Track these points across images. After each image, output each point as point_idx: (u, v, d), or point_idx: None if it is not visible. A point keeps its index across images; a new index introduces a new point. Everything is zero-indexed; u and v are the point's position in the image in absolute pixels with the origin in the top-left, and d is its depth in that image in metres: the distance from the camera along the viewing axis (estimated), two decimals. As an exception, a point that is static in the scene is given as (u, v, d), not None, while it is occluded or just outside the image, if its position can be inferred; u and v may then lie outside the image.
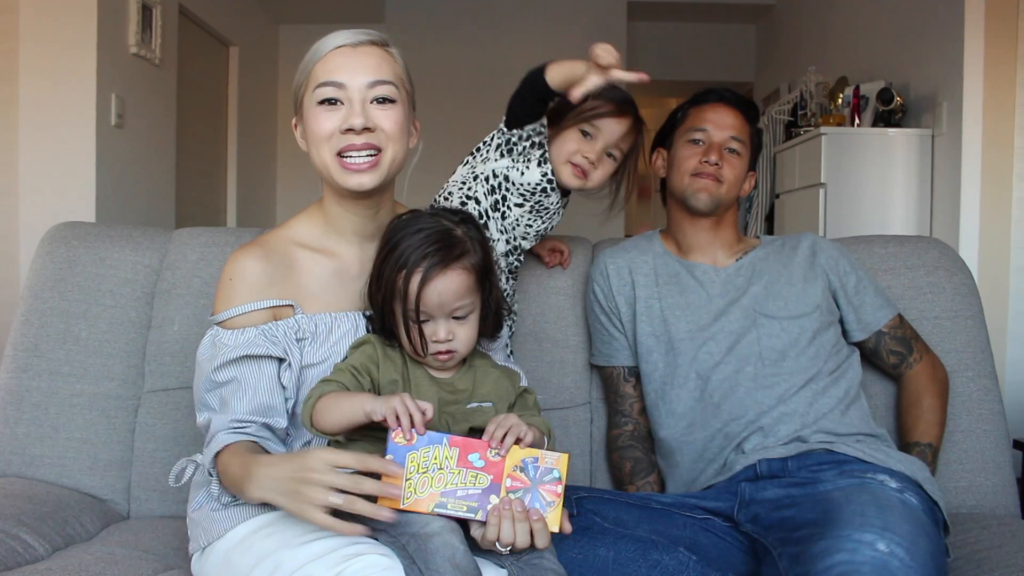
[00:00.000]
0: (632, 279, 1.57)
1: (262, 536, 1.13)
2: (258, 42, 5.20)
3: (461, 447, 1.05)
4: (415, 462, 1.03)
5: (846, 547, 1.02)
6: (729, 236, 1.57)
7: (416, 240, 1.15)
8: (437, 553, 1.01)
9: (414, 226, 1.17)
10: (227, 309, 1.22)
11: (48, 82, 3.10)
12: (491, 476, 1.05)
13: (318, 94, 1.20)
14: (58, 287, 1.60)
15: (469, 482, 1.04)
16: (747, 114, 1.56)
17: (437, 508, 1.04)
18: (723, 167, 1.50)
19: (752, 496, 1.33)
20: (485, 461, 1.05)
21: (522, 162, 1.42)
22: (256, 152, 5.13)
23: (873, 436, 1.41)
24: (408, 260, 1.14)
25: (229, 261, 1.25)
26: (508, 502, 1.05)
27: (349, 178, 1.21)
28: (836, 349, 1.47)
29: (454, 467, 1.04)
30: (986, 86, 3.07)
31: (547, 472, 1.06)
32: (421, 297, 1.13)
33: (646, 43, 5.98)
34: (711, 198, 1.50)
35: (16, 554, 1.26)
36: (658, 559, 1.18)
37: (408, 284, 1.13)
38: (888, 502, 1.12)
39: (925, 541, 1.06)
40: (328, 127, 1.20)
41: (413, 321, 1.14)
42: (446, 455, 1.04)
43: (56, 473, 1.55)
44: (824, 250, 1.54)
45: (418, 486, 1.03)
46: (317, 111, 1.21)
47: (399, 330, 1.16)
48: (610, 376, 1.61)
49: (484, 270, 1.18)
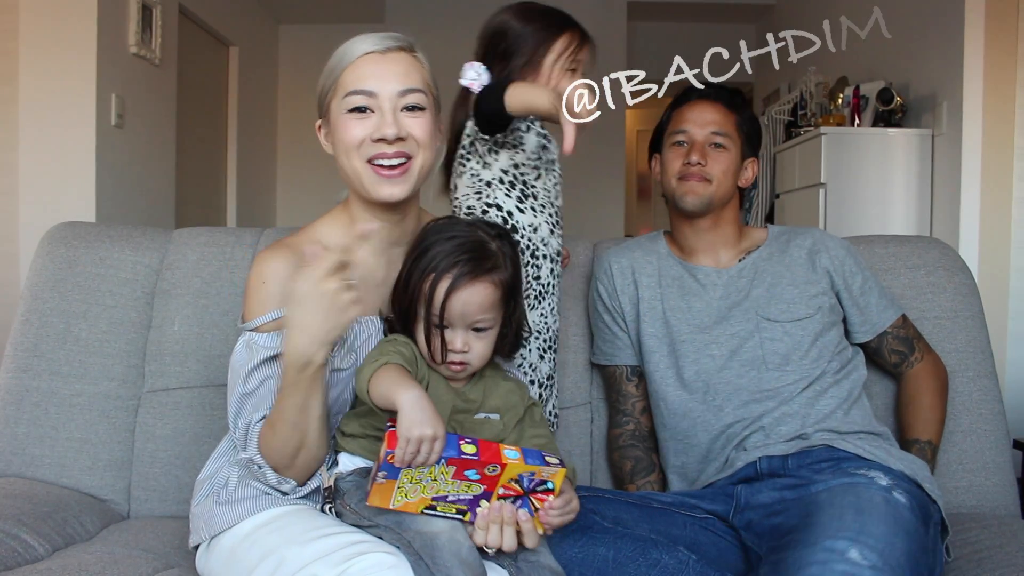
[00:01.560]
0: (635, 279, 1.57)
1: (267, 532, 1.13)
2: (258, 42, 5.20)
3: (458, 466, 1.01)
4: (408, 474, 1.01)
5: (818, 558, 1.02)
6: (730, 233, 1.56)
7: (449, 247, 1.14)
8: (443, 549, 1.01)
9: (448, 232, 1.17)
10: (263, 314, 1.19)
11: (48, 82, 3.11)
12: (484, 486, 1.04)
13: (348, 102, 1.20)
14: (58, 287, 1.60)
15: (462, 490, 1.04)
16: (731, 103, 1.54)
17: (426, 510, 1.04)
18: (708, 165, 1.49)
19: (747, 501, 1.33)
20: (481, 476, 1.03)
21: (518, 143, 1.44)
22: (256, 152, 5.13)
23: (875, 434, 1.41)
24: (438, 266, 1.13)
25: (258, 263, 1.22)
26: (497, 508, 1.05)
27: (380, 188, 1.20)
28: (839, 349, 1.47)
29: (448, 479, 1.02)
30: (986, 86, 3.07)
31: (541, 483, 1.05)
32: (446, 304, 1.12)
33: (646, 43, 5.98)
34: (699, 199, 1.50)
35: (16, 554, 1.26)
36: (658, 558, 1.18)
37: (435, 289, 1.13)
38: (869, 502, 1.12)
39: (902, 541, 1.06)
40: (359, 135, 1.19)
41: (435, 326, 1.14)
42: (442, 471, 1.01)
43: (56, 473, 1.54)
44: (829, 248, 1.52)
45: (409, 492, 1.02)
46: (347, 119, 1.20)
47: (419, 333, 1.16)
48: (612, 375, 1.61)
49: (511, 288, 1.18)
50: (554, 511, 1.07)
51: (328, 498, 1.18)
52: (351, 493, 1.14)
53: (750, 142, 1.56)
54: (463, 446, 1.02)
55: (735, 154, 1.53)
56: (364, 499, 1.06)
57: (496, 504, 1.04)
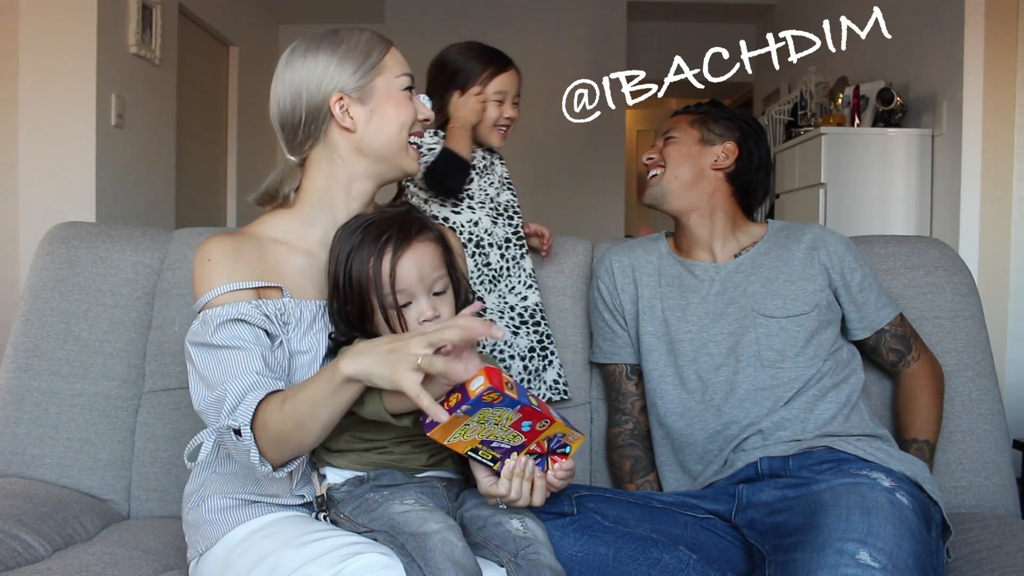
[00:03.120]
0: (636, 278, 1.57)
1: (261, 537, 1.13)
2: (258, 42, 5.21)
3: (523, 415, 1.03)
4: (483, 414, 1.01)
5: (828, 561, 1.02)
6: (723, 225, 1.56)
7: (372, 232, 1.16)
8: (436, 551, 1.01)
9: (361, 222, 1.18)
10: (211, 288, 1.15)
11: (48, 82, 3.10)
12: (525, 439, 1.08)
13: (403, 81, 1.27)
14: (58, 287, 1.60)
15: (507, 439, 1.07)
16: (695, 111, 1.63)
17: (471, 451, 1.06)
18: (660, 157, 1.58)
19: (749, 499, 1.33)
20: (531, 429, 1.07)
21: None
22: (256, 152, 5.13)
23: (875, 436, 1.41)
24: (373, 247, 1.14)
25: (201, 247, 1.20)
26: (523, 463, 1.08)
27: (414, 162, 1.29)
28: (834, 349, 1.47)
29: (507, 427, 1.05)
30: (986, 86, 3.07)
31: (561, 445, 1.11)
32: (395, 276, 1.12)
33: (646, 43, 5.98)
34: (653, 191, 1.58)
35: (16, 554, 1.26)
36: (658, 558, 1.18)
37: (380, 268, 1.12)
38: (875, 503, 1.12)
39: (909, 542, 1.07)
40: (412, 112, 1.27)
41: (391, 307, 1.13)
42: (508, 417, 1.03)
43: (56, 473, 1.55)
44: (828, 244, 1.51)
45: (467, 431, 1.02)
46: (403, 96, 1.26)
47: (380, 326, 1.15)
48: (612, 374, 1.61)
49: (446, 245, 1.21)
50: (563, 472, 1.12)
51: (321, 507, 1.18)
52: (345, 502, 1.14)
53: (712, 129, 1.59)
54: (531, 398, 1.05)
55: (688, 140, 1.58)
56: (371, 477, 1.10)
57: (523, 459, 1.09)
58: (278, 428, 1.06)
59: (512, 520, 1.12)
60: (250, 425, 1.06)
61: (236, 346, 1.12)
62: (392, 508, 1.09)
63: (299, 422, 1.05)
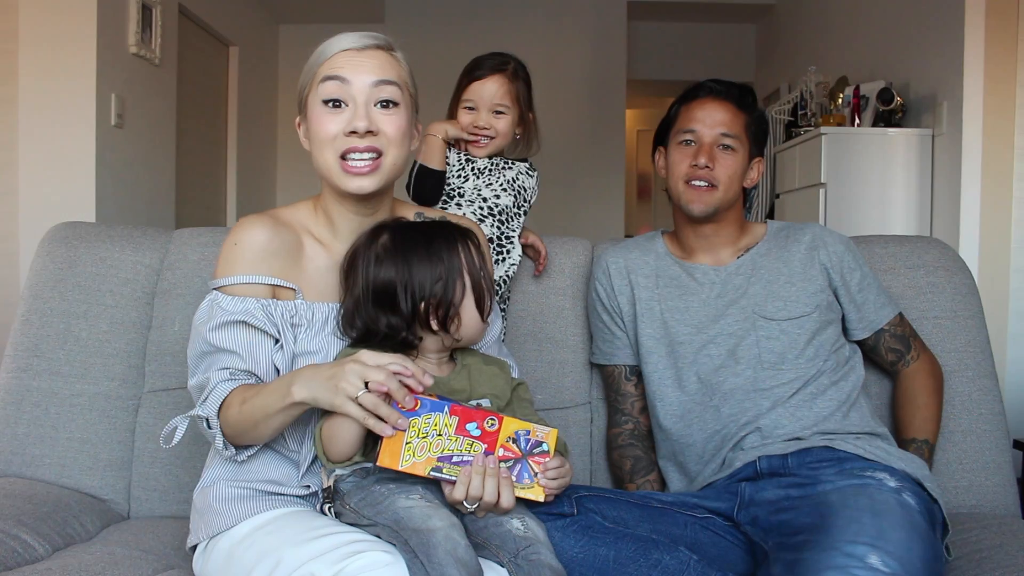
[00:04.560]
0: (631, 280, 1.57)
1: (264, 534, 1.14)
2: (258, 42, 5.20)
3: (460, 416, 1.09)
4: (416, 427, 1.07)
5: (837, 563, 1.02)
6: (731, 232, 1.55)
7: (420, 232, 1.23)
8: (439, 547, 1.01)
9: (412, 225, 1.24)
10: (229, 275, 1.22)
11: (48, 82, 3.10)
12: (485, 445, 1.09)
13: (322, 90, 1.20)
14: (58, 287, 1.60)
15: (465, 449, 1.09)
16: (741, 103, 1.52)
17: (433, 472, 1.08)
18: (715, 168, 1.47)
19: (752, 497, 1.33)
20: (481, 431, 1.10)
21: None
22: (256, 152, 5.13)
23: (874, 435, 1.40)
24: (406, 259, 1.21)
25: (237, 226, 1.25)
26: (480, 459, 1.09)
27: (350, 181, 1.21)
28: (835, 348, 1.46)
29: (452, 434, 1.08)
30: (986, 86, 3.07)
31: (537, 444, 1.12)
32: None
33: (646, 43, 5.98)
34: (705, 207, 1.48)
35: (16, 554, 1.26)
36: (659, 558, 1.18)
37: None
38: (884, 506, 1.12)
39: (919, 546, 1.07)
40: (332, 130, 1.20)
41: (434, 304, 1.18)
42: (446, 422, 1.08)
43: (56, 473, 1.55)
44: (828, 244, 1.50)
45: (417, 450, 1.07)
46: (321, 112, 1.21)
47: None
48: (611, 375, 1.61)
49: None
50: (551, 472, 1.12)
51: (327, 498, 1.18)
52: (351, 493, 1.15)
53: (757, 142, 1.54)
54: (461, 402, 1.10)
55: (742, 156, 1.50)
56: (374, 469, 1.11)
57: (481, 456, 1.09)
58: (236, 423, 1.15)
59: (513, 520, 1.12)
60: (216, 415, 1.16)
61: (228, 349, 1.19)
62: (397, 503, 1.10)
63: (254, 423, 1.14)
